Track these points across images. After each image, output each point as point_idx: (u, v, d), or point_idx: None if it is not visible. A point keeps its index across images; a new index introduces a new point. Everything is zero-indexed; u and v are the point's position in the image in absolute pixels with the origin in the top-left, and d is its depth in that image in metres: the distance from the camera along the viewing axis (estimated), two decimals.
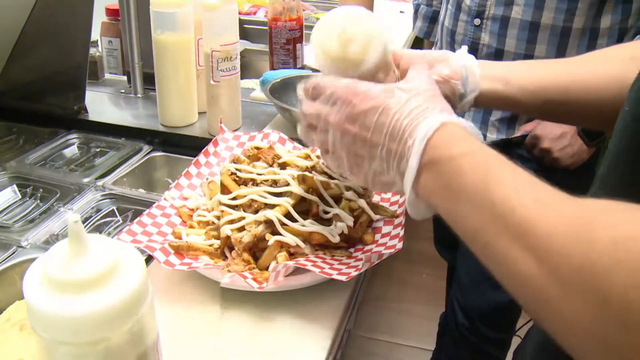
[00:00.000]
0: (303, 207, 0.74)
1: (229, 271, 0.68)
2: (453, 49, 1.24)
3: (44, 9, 1.11)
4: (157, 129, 1.17)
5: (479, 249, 0.42)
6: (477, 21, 1.15)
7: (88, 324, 0.41)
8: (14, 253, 0.81)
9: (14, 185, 1.02)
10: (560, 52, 1.11)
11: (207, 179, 0.85)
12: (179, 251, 0.71)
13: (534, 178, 0.41)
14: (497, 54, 1.15)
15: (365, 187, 0.79)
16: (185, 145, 1.12)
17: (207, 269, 0.68)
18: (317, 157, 0.84)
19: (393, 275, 2.36)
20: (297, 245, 0.70)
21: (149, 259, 0.72)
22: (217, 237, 0.73)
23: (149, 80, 1.29)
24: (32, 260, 0.79)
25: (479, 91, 0.63)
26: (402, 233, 0.74)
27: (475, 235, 0.42)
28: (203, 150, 0.90)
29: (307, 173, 0.76)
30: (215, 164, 0.90)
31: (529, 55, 1.12)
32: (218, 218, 0.76)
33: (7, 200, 0.99)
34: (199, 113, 1.21)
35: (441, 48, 1.34)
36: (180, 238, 0.74)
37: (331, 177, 0.79)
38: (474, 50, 1.20)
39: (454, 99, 0.63)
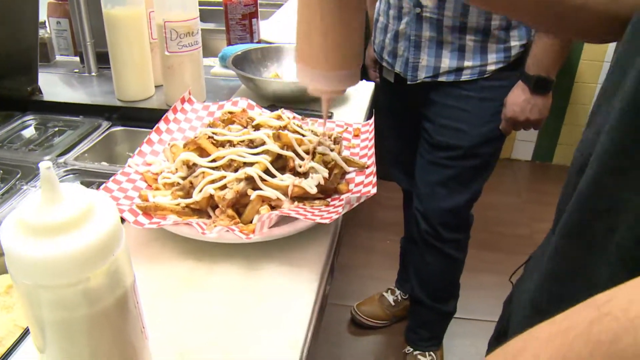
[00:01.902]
0: (280, 164, 0.77)
1: (215, 226, 0.70)
2: None
3: None
4: (114, 104, 1.17)
5: None
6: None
7: (66, 265, 0.42)
8: None
9: None
10: None
11: (169, 144, 0.87)
12: (147, 212, 0.72)
13: None
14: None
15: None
16: (144, 119, 1.13)
17: (177, 225, 0.70)
18: (288, 117, 0.87)
19: (358, 243, 2.42)
20: (278, 199, 0.73)
21: None
22: (184, 197, 0.75)
23: (101, 59, 1.29)
24: None
25: None
26: (374, 180, 0.77)
27: None
28: (163, 117, 0.91)
29: (281, 131, 0.79)
30: (176, 130, 0.91)
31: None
32: (183, 178, 0.77)
33: None
34: (156, 87, 1.21)
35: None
36: (147, 200, 0.76)
37: (303, 135, 0.82)
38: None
39: None
